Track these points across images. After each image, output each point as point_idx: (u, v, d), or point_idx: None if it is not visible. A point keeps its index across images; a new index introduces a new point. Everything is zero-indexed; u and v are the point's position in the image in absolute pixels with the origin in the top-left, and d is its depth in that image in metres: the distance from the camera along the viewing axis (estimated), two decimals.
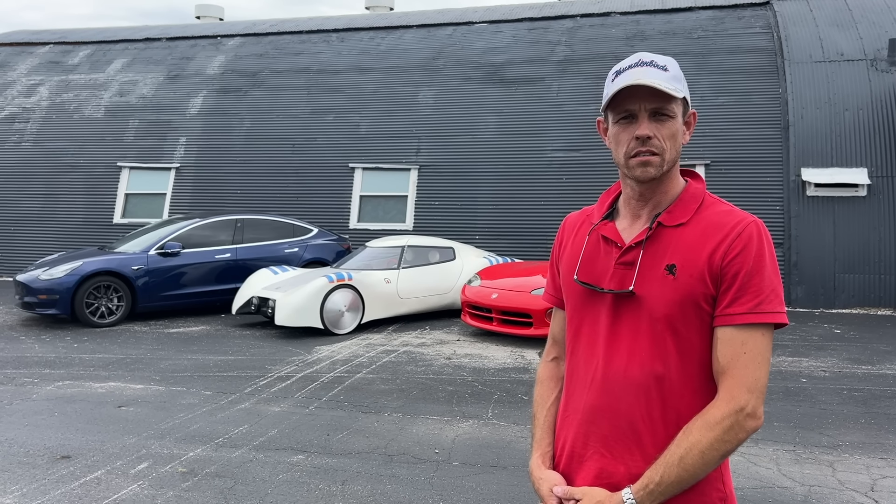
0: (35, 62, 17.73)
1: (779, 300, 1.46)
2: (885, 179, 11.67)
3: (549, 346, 1.83)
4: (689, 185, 1.60)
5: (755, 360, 1.43)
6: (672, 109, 1.50)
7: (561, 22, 15.72)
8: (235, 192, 14.60)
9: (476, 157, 13.87)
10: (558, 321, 1.80)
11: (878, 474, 4.37)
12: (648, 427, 1.48)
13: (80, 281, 9.34)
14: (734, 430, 1.40)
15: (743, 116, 12.78)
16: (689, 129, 1.58)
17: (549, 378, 1.79)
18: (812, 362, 7.54)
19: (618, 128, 1.54)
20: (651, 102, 1.49)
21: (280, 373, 7.02)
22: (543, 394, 1.77)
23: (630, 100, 1.50)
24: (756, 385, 1.42)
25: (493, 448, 4.87)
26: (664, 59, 1.52)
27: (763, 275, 1.44)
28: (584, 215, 1.74)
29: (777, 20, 13.90)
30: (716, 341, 1.46)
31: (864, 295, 11.45)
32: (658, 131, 1.49)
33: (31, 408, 5.80)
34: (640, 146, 1.49)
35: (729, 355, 1.44)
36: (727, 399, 1.42)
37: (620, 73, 1.52)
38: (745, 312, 1.43)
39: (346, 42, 16.62)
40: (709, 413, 1.42)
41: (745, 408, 1.40)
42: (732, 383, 1.42)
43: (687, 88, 1.55)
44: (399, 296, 9.78)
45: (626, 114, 1.51)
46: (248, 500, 4.00)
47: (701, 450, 1.40)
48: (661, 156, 1.50)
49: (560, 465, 1.64)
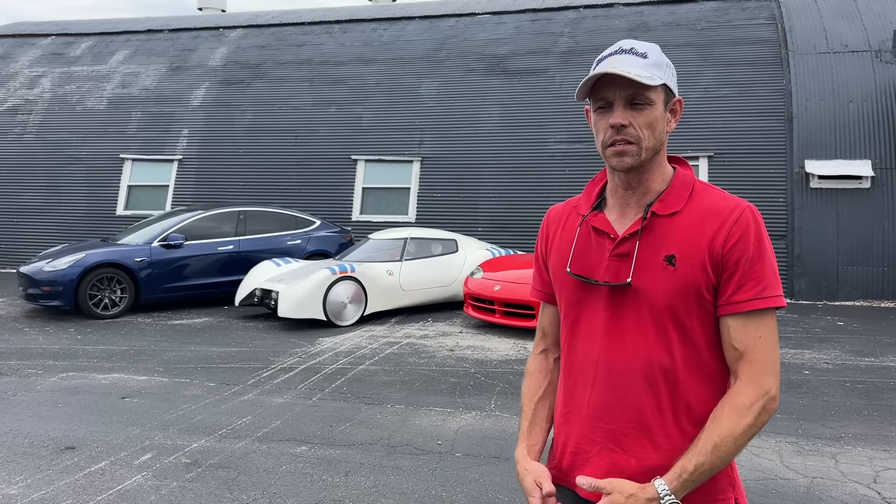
0: (37, 54, 17.71)
1: (779, 283, 1.47)
2: (888, 171, 11.63)
3: (538, 339, 1.82)
4: (678, 172, 1.58)
5: (770, 344, 1.45)
6: (649, 97, 1.48)
7: (564, 13, 15.65)
8: (238, 183, 14.60)
9: (479, 149, 13.85)
10: (547, 315, 1.78)
11: (881, 466, 4.37)
12: (658, 419, 1.48)
13: (83, 273, 9.35)
14: (763, 414, 1.42)
15: (746, 108, 12.73)
16: (675, 117, 1.56)
17: (537, 370, 1.78)
18: (815, 354, 7.53)
19: (596, 116, 1.54)
20: (626, 90, 1.47)
21: (283, 364, 7.04)
22: (532, 386, 1.76)
23: (606, 88, 1.49)
24: (775, 368, 1.45)
25: (496, 439, 4.88)
26: (645, 46, 1.51)
27: (764, 260, 1.45)
28: (569, 207, 1.72)
29: (781, 11, 13.82)
30: (726, 329, 1.46)
31: (868, 287, 11.42)
32: (634, 119, 1.48)
33: (35, 399, 5.82)
34: (616, 135, 1.48)
35: (746, 342, 1.44)
36: (752, 384, 1.42)
37: (601, 60, 1.52)
38: (751, 299, 1.44)
39: (349, 33, 16.58)
40: (737, 399, 1.43)
41: (770, 391, 1.43)
42: (754, 368, 1.43)
43: (671, 75, 1.53)
44: (401, 288, 9.78)
45: (602, 102, 1.51)
46: (251, 490, 4.02)
47: (734, 436, 1.40)
48: (638, 144, 1.48)
49: (563, 462, 1.62)
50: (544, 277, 1.75)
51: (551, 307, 1.76)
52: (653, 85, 1.46)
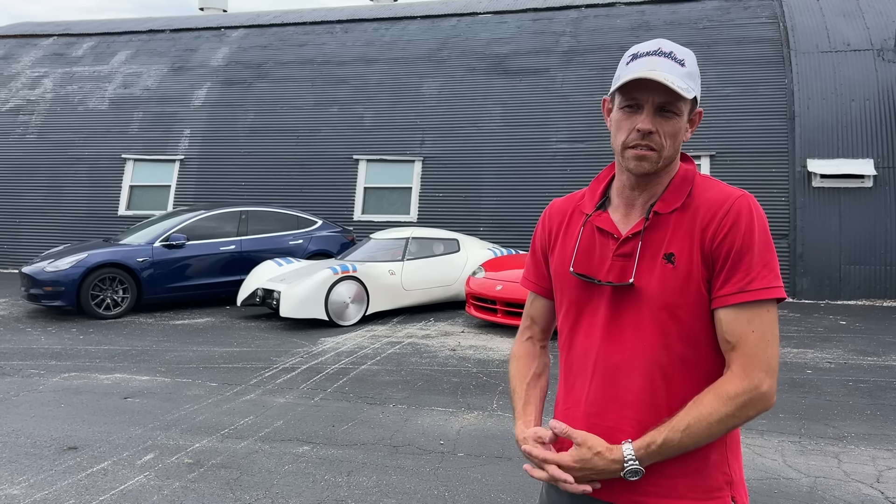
0: (39, 54, 17.73)
1: (773, 274, 1.43)
2: (891, 170, 11.61)
3: (525, 327, 1.80)
4: (680, 168, 1.58)
5: (763, 338, 1.41)
6: (679, 107, 1.47)
7: (565, 12, 15.65)
8: (240, 183, 14.61)
9: (480, 149, 13.84)
10: (537, 306, 1.77)
11: (884, 465, 4.37)
12: (654, 416, 1.47)
13: (85, 273, 9.36)
14: (746, 408, 1.40)
15: (749, 107, 12.72)
16: (693, 127, 1.56)
17: (524, 355, 1.76)
18: (817, 353, 7.52)
19: (621, 114, 1.51)
20: (660, 97, 1.45)
21: (285, 364, 7.04)
22: (520, 368, 1.74)
23: (640, 90, 1.46)
24: (770, 364, 1.41)
25: (498, 439, 4.88)
26: (683, 53, 1.49)
27: (753, 251, 1.42)
28: (571, 203, 1.70)
29: (783, 10, 13.81)
30: (718, 323, 1.45)
31: (870, 286, 11.41)
32: (661, 127, 1.47)
33: (37, 399, 5.82)
34: (640, 139, 1.47)
35: (737, 335, 1.42)
36: (742, 376, 1.40)
37: (637, 57, 1.49)
38: (736, 292, 1.42)
39: (351, 33, 16.58)
40: (722, 387, 1.41)
41: (761, 387, 1.40)
42: (746, 361, 1.41)
43: (699, 86, 1.52)
44: (403, 287, 9.78)
45: (632, 102, 1.48)
46: (253, 490, 4.02)
47: (710, 422, 1.39)
48: (659, 152, 1.48)
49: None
50: (541, 269, 1.74)
51: (543, 299, 1.74)
52: (688, 98, 1.45)
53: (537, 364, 1.74)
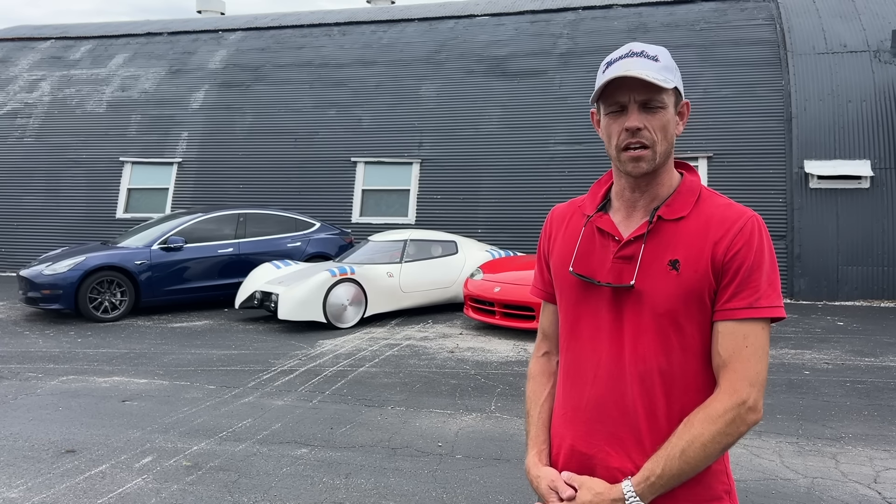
0: (37, 57, 17.73)
1: (777, 294, 1.46)
2: (887, 171, 11.64)
3: (540, 340, 1.81)
4: (686, 177, 1.58)
5: (756, 353, 1.43)
6: (662, 100, 1.48)
7: (563, 14, 15.67)
8: (238, 186, 14.61)
9: (478, 151, 13.86)
10: (548, 316, 1.78)
11: (882, 466, 4.37)
12: (651, 424, 1.48)
13: (83, 276, 9.36)
14: (736, 424, 1.41)
15: (746, 109, 12.74)
16: (683, 120, 1.57)
17: (540, 373, 1.76)
18: (815, 354, 7.53)
19: (608, 119, 1.53)
20: (641, 93, 1.47)
21: (283, 367, 7.04)
22: (536, 390, 1.75)
23: (620, 91, 1.48)
24: (757, 378, 1.43)
25: (496, 441, 4.88)
26: (655, 49, 1.50)
27: (762, 270, 1.44)
28: (573, 207, 1.71)
29: (780, 12, 13.84)
30: (716, 335, 1.46)
31: (867, 287, 11.43)
32: (648, 122, 1.48)
33: (35, 402, 5.82)
34: (631, 137, 1.48)
35: (730, 349, 1.44)
36: (729, 392, 1.42)
37: (611, 63, 1.50)
38: (744, 307, 1.44)
39: (348, 36, 16.59)
40: (711, 406, 1.42)
41: (747, 401, 1.41)
42: (734, 377, 1.42)
43: (679, 78, 1.53)
44: (402, 290, 9.79)
45: (616, 106, 1.50)
46: (252, 493, 4.02)
47: (703, 443, 1.40)
48: (653, 148, 1.48)
49: (559, 462, 1.61)
50: (545, 276, 1.75)
51: (552, 307, 1.75)
52: (667, 88, 1.47)
53: (553, 383, 1.74)
